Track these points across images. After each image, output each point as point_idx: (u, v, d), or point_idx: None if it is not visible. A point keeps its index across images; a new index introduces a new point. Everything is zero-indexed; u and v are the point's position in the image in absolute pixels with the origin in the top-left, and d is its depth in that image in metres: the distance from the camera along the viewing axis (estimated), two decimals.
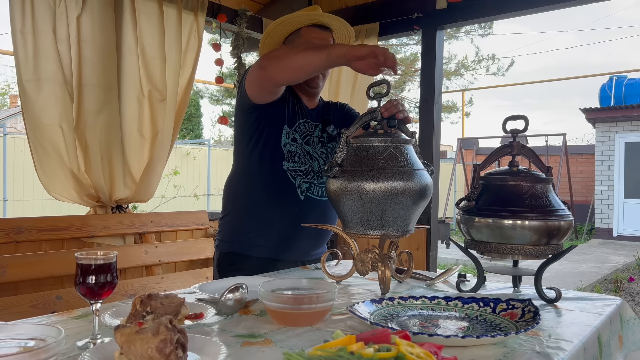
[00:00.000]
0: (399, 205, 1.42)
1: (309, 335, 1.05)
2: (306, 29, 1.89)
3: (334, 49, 1.58)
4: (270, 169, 1.80)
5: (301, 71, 1.64)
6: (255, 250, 1.82)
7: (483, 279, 1.47)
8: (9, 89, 21.06)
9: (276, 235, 1.81)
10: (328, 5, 3.77)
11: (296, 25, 1.89)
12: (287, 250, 1.83)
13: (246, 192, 1.85)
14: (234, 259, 1.84)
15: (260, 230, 1.81)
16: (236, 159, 1.92)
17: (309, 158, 1.85)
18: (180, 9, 2.85)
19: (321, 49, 1.59)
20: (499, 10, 2.96)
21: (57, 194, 2.54)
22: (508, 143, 1.46)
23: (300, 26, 1.89)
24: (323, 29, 1.91)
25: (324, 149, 1.90)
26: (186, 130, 18.57)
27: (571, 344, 1.03)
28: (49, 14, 2.40)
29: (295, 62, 1.61)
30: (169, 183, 8.81)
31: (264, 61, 1.67)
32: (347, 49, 1.54)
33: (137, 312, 1.03)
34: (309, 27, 1.89)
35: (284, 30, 1.91)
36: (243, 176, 1.87)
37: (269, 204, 1.80)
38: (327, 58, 1.57)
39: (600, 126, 11.63)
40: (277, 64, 1.64)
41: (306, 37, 1.87)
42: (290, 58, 1.62)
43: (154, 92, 2.77)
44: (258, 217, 1.81)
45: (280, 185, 1.80)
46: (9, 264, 2.31)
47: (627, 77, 11.71)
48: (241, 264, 1.79)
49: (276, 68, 1.64)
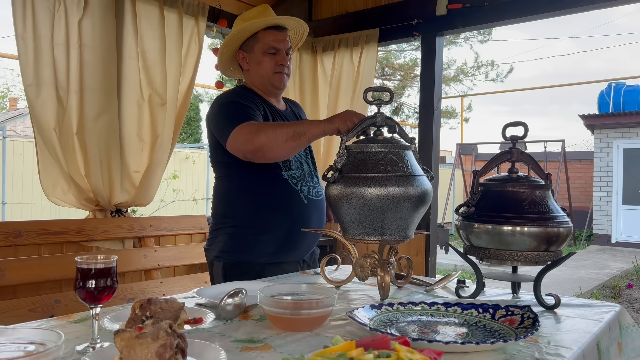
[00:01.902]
0: (399, 210, 1.42)
1: (309, 341, 1.05)
2: (263, 32, 1.93)
3: (312, 131, 1.68)
4: (272, 181, 1.84)
5: (287, 158, 1.82)
6: (263, 257, 1.85)
7: (482, 285, 1.47)
8: (9, 92, 21.06)
9: (283, 240, 1.85)
10: (328, 10, 3.78)
11: (253, 31, 1.93)
12: (291, 252, 1.89)
13: (250, 203, 1.86)
14: (245, 269, 1.83)
15: (267, 237, 1.85)
16: (225, 173, 1.92)
17: (299, 163, 1.92)
18: (181, 14, 2.86)
19: (302, 135, 1.68)
20: (499, 17, 2.97)
21: (56, 198, 2.54)
22: (507, 149, 1.46)
23: (257, 30, 1.93)
24: (279, 29, 1.95)
25: (304, 150, 1.97)
26: (185, 134, 18.59)
27: (570, 350, 1.03)
28: (50, 19, 2.40)
29: (282, 154, 1.76)
30: (168, 187, 8.80)
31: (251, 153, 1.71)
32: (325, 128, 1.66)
33: (137, 317, 1.03)
34: (265, 30, 1.93)
35: (241, 37, 1.95)
36: (242, 189, 1.88)
37: (276, 212, 1.84)
38: (309, 141, 1.71)
39: (599, 132, 11.66)
40: (264, 157, 1.73)
41: (264, 40, 1.92)
42: (276, 151, 1.72)
43: (154, 96, 2.77)
44: (264, 226, 1.84)
45: (286, 193, 1.85)
46: (7, 267, 2.30)
47: (625, 84, 11.74)
48: (250, 272, 1.80)
49: (264, 159, 1.75)
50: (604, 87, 11.96)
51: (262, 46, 1.92)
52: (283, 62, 1.93)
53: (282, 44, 1.94)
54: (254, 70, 1.96)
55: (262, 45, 1.92)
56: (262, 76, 1.95)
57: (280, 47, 1.93)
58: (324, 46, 3.66)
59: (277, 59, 1.93)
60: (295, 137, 1.67)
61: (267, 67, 1.93)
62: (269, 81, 1.95)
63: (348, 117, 1.61)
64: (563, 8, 2.80)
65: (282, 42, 1.94)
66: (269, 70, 1.93)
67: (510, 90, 18.73)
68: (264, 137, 1.68)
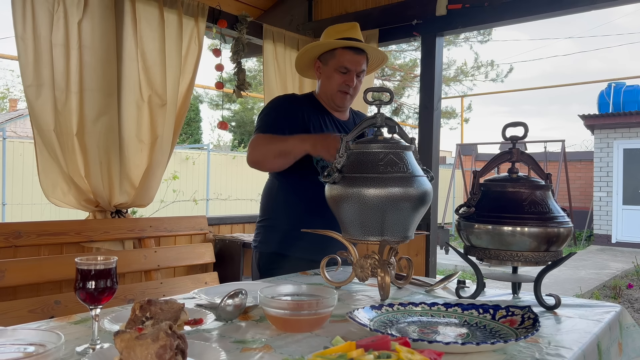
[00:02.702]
0: (399, 211, 1.42)
1: (309, 342, 1.05)
2: (341, 50, 2.00)
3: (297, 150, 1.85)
4: (308, 184, 1.94)
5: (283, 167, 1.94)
6: (294, 251, 1.96)
7: (482, 286, 1.47)
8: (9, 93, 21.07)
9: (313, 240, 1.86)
10: (328, 11, 3.78)
11: (332, 47, 2.01)
12: (320, 253, 1.83)
13: (286, 201, 2.03)
14: (274, 259, 2.00)
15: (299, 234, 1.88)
16: (273, 172, 2.09)
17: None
18: (181, 15, 2.86)
19: (289, 154, 1.86)
20: (498, 17, 2.97)
21: (56, 199, 2.54)
22: (507, 150, 1.46)
23: (336, 47, 2.01)
24: (357, 51, 2.01)
25: None
26: (185, 135, 18.59)
27: (571, 351, 1.03)
28: (49, 20, 2.40)
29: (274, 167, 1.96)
30: (168, 188, 8.81)
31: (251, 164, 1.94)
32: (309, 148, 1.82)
33: (137, 318, 1.03)
34: (343, 48, 2.00)
35: (319, 50, 2.04)
36: (282, 188, 2.05)
37: (308, 212, 1.95)
38: (295, 158, 1.87)
39: (598, 133, 11.66)
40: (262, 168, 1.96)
41: (339, 58, 2.00)
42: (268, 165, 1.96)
43: (154, 97, 2.77)
44: (297, 223, 1.89)
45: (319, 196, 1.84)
46: (7, 268, 2.30)
47: (625, 84, 11.74)
48: (281, 262, 1.95)
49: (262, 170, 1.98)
50: (604, 87, 11.96)
51: (335, 63, 2.00)
52: (350, 83, 2.01)
53: (354, 65, 2.00)
54: (323, 82, 2.07)
55: (336, 62, 2.00)
56: (327, 90, 2.05)
57: (352, 68, 2.00)
58: None
59: (346, 78, 2.00)
60: (282, 155, 1.87)
61: (334, 84, 2.02)
62: (331, 97, 2.04)
63: (331, 146, 1.72)
64: (563, 8, 2.80)
65: (356, 64, 2.00)
66: (335, 87, 2.02)
67: (510, 91, 18.74)
68: (258, 153, 1.91)
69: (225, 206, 10.72)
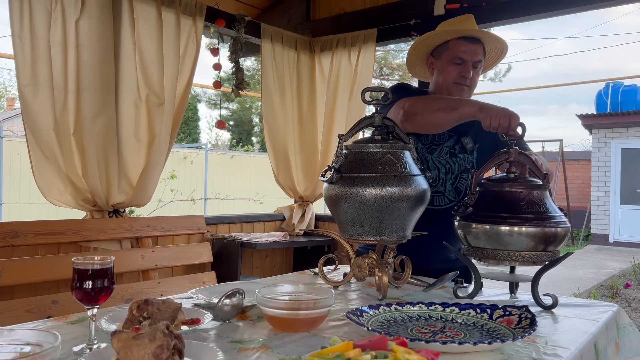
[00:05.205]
0: (397, 211, 1.42)
1: (306, 342, 1.05)
2: (454, 41, 1.86)
3: (464, 110, 1.63)
4: None
5: (434, 129, 1.80)
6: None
7: (480, 285, 1.47)
8: (6, 92, 21.02)
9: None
10: (326, 10, 3.78)
11: (444, 38, 1.88)
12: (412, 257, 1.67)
13: None
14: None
15: None
16: None
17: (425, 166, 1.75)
18: (179, 14, 2.86)
19: (453, 110, 1.65)
20: (496, 17, 2.98)
21: (53, 199, 2.53)
22: (505, 149, 1.46)
23: (449, 39, 1.87)
24: (472, 41, 1.86)
25: (451, 159, 1.90)
26: (183, 134, 18.57)
27: (568, 350, 1.03)
28: (47, 19, 2.40)
29: (430, 122, 1.73)
30: (165, 187, 8.79)
31: (403, 115, 1.73)
32: (476, 111, 1.59)
33: (134, 318, 1.03)
34: (457, 39, 1.86)
35: (431, 43, 1.91)
36: None
37: None
38: (459, 119, 1.66)
39: (596, 132, 11.68)
40: (414, 121, 1.74)
41: (453, 49, 1.86)
42: (425, 117, 1.72)
43: (152, 96, 2.77)
44: None
45: None
46: (4, 267, 2.30)
47: (623, 84, 11.77)
48: None
49: (412, 124, 1.75)
50: (602, 87, 11.99)
51: (449, 54, 1.86)
52: (466, 74, 1.85)
53: (470, 55, 1.85)
54: (437, 77, 1.93)
55: (449, 54, 1.86)
56: (443, 84, 1.90)
57: (468, 58, 1.85)
58: (321, 46, 3.66)
59: (462, 69, 1.86)
60: (446, 109, 1.66)
61: (449, 76, 1.87)
62: (447, 90, 1.89)
63: (500, 114, 1.51)
64: (561, 8, 2.80)
65: (472, 54, 1.85)
66: (450, 79, 1.87)
67: (508, 90, 18.75)
68: (421, 104, 1.74)
69: (223, 206, 10.70)
